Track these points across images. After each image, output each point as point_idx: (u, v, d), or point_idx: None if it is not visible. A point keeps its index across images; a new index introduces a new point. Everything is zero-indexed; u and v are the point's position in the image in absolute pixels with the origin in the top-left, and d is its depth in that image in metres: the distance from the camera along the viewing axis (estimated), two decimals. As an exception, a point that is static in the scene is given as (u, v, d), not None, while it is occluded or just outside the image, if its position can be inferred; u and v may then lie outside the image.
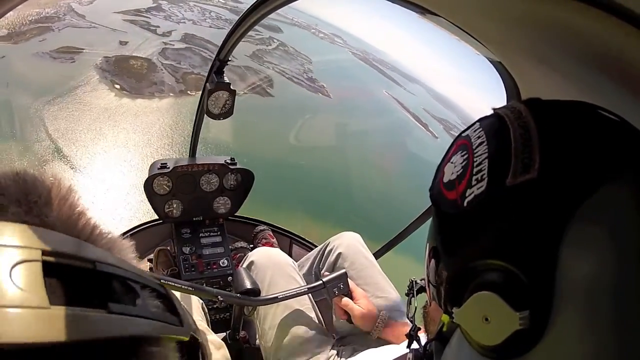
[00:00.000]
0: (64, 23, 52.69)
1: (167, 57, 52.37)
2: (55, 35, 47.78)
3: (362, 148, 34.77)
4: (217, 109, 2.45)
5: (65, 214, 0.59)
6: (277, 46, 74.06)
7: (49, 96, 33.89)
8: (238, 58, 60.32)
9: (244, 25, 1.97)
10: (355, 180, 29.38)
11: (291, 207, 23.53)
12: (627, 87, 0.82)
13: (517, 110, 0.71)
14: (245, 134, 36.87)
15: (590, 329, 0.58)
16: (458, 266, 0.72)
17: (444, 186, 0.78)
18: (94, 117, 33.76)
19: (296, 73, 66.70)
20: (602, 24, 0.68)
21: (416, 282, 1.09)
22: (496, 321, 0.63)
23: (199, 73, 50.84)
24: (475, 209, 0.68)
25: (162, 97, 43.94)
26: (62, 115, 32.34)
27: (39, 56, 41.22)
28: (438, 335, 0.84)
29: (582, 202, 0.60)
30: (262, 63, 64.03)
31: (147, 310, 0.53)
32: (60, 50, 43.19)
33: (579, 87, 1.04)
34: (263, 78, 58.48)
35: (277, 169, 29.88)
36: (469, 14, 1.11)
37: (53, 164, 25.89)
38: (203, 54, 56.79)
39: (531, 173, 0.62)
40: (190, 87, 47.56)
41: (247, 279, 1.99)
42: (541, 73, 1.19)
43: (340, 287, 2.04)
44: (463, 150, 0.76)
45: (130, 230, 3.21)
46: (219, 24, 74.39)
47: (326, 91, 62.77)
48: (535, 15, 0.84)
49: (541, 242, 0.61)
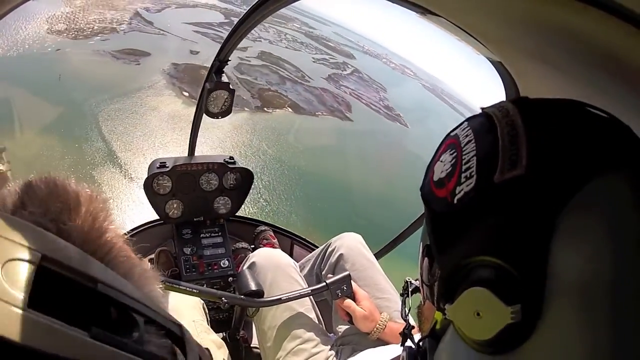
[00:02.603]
0: (130, 27, 53.53)
1: (243, 72, 51.62)
2: (119, 37, 48.33)
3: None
4: (216, 108, 2.33)
5: (87, 226, 0.57)
6: (352, 72, 73.34)
7: (106, 94, 31.65)
8: (314, 79, 59.93)
9: (244, 26, 1.88)
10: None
11: (381, 239, 17.32)
12: (627, 86, 0.82)
13: (505, 108, 0.69)
14: (328, 158, 35.42)
15: (582, 320, 0.58)
16: (450, 263, 0.70)
17: (434, 184, 0.76)
18: (156, 123, 31.20)
19: (373, 100, 65.18)
20: (602, 24, 0.68)
21: (411, 282, 1.09)
22: (488, 316, 0.63)
23: (276, 91, 49.81)
24: (465, 207, 0.67)
25: (236, 111, 41.43)
26: (119, 117, 29.80)
27: (99, 54, 40.97)
28: (431, 333, 0.83)
29: (570, 196, 0.59)
30: (338, 87, 62.61)
31: (141, 346, 0.49)
32: (124, 52, 42.47)
33: (579, 87, 1.04)
34: (341, 101, 56.61)
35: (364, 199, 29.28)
36: (469, 14, 1.11)
37: (103, 168, 23.88)
38: (280, 73, 56.32)
39: (518, 169, 0.61)
40: (267, 104, 45.72)
41: (251, 280, 1.95)
42: (541, 73, 1.19)
43: (344, 289, 2.00)
44: (452, 149, 0.75)
45: (131, 230, 3.01)
46: (295, 45, 75.65)
47: (403, 120, 61.41)
48: (536, 16, 0.85)
49: (530, 238, 0.61)
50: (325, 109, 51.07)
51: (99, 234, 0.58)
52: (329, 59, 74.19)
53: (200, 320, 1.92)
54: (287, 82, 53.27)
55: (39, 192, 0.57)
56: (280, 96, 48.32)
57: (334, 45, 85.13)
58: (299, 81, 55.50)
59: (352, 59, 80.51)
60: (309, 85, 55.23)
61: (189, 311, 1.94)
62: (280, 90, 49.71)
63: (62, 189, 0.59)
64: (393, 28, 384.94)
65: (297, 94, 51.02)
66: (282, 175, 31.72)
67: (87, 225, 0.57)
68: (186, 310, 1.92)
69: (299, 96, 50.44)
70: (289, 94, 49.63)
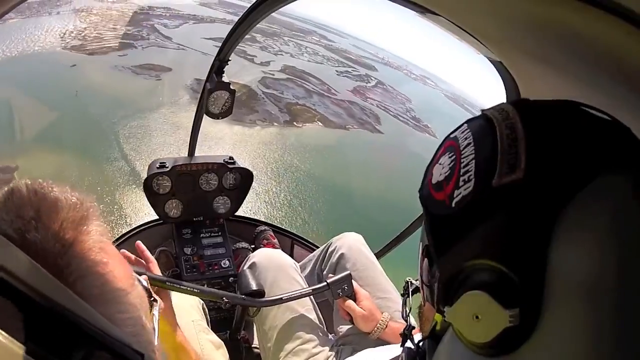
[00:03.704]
0: (148, 42, 53.14)
1: (268, 86, 50.33)
2: (138, 52, 47.85)
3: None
4: (216, 109, 2.35)
5: (57, 238, 0.55)
6: (376, 84, 72.06)
7: (126, 110, 30.24)
8: (340, 92, 58.12)
9: (244, 26, 1.90)
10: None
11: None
12: (627, 86, 0.82)
13: (505, 111, 0.69)
14: (368, 174, 33.68)
15: (582, 323, 0.58)
16: (449, 266, 0.70)
17: (433, 187, 0.75)
18: (182, 140, 28.89)
19: (400, 111, 63.53)
20: (602, 23, 0.68)
21: (411, 282, 1.08)
22: (486, 319, 0.63)
23: (304, 104, 48.26)
24: (463, 210, 0.67)
25: (265, 126, 39.91)
26: (140, 134, 28.11)
27: (117, 69, 40.04)
28: (431, 334, 0.82)
29: (569, 199, 0.59)
30: (365, 99, 60.87)
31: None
32: (144, 67, 41.60)
33: (579, 87, 1.05)
34: (369, 114, 54.58)
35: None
36: (469, 13, 1.11)
37: (125, 189, 22.13)
38: (306, 86, 54.97)
39: (517, 173, 0.61)
40: (296, 118, 43.98)
41: (252, 280, 1.94)
42: (541, 72, 1.19)
43: (345, 288, 2.00)
44: (450, 151, 0.74)
45: (131, 231, 2.96)
46: (317, 59, 74.97)
47: (432, 131, 59.83)
48: (536, 15, 0.85)
49: (529, 241, 0.61)
50: (355, 121, 49.39)
51: (68, 246, 0.55)
52: (351, 71, 73.06)
53: (199, 320, 1.91)
54: (313, 96, 51.89)
55: (16, 199, 0.55)
56: (309, 110, 47.02)
57: (354, 58, 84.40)
58: (325, 94, 53.99)
59: (373, 71, 79.52)
60: (336, 98, 53.68)
61: (188, 311, 1.87)
62: (308, 104, 48.37)
63: (42, 196, 0.57)
64: (408, 38, 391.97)
65: (325, 107, 49.58)
66: (318, 193, 29.41)
67: (57, 237, 0.54)
68: (185, 310, 1.82)
69: (327, 109, 48.98)
70: (317, 108, 48.21)
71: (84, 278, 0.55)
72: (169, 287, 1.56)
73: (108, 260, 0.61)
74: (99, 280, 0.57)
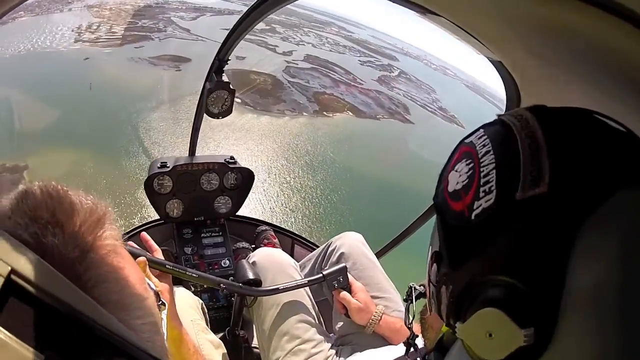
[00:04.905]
0: (165, 34, 51.79)
1: (293, 75, 48.31)
2: (155, 44, 46.36)
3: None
4: (216, 108, 2.37)
5: (73, 243, 0.54)
6: (399, 74, 69.26)
7: (146, 103, 28.43)
8: (366, 81, 55.32)
9: (244, 26, 1.93)
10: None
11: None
12: (627, 86, 0.82)
13: (525, 118, 0.67)
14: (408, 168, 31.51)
15: (597, 342, 0.57)
16: (463, 280, 0.68)
17: (449, 196, 0.72)
18: (206, 132, 26.92)
19: (427, 101, 60.67)
20: (603, 24, 0.68)
21: (415, 287, 1.08)
22: (500, 337, 0.62)
23: (332, 94, 46.00)
24: (483, 223, 0.65)
25: (294, 116, 37.71)
26: (161, 127, 26.12)
27: (134, 61, 38.38)
28: (438, 346, 0.84)
29: (590, 214, 0.58)
30: (391, 89, 58.18)
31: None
32: (163, 58, 40.10)
33: (579, 87, 1.05)
34: (398, 104, 51.92)
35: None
36: (469, 13, 1.13)
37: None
38: (331, 76, 52.87)
39: (541, 187, 0.60)
40: (326, 108, 41.72)
41: (249, 269, 2.00)
42: (541, 73, 1.20)
43: (340, 280, 2.05)
44: (468, 158, 0.71)
45: (131, 231, 2.93)
46: (339, 49, 72.59)
47: (459, 121, 56.68)
48: (536, 15, 0.85)
49: (550, 258, 0.59)
50: (385, 111, 47.12)
51: (86, 251, 0.54)
52: (374, 61, 70.70)
53: (198, 320, 1.93)
54: (340, 85, 49.70)
55: (30, 202, 0.53)
56: (338, 99, 44.73)
57: (375, 48, 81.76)
58: (352, 84, 51.72)
59: (395, 61, 76.90)
60: (363, 88, 51.43)
61: (187, 311, 1.88)
62: (336, 94, 46.26)
63: (57, 199, 0.55)
64: (422, 30, 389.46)
65: (353, 96, 47.28)
66: (357, 187, 26.67)
67: (75, 242, 0.53)
68: (185, 310, 1.83)
69: (355, 99, 46.68)
70: (345, 97, 45.98)
71: (102, 284, 0.53)
72: (168, 271, 1.54)
73: (124, 265, 0.60)
74: (117, 286, 0.56)
